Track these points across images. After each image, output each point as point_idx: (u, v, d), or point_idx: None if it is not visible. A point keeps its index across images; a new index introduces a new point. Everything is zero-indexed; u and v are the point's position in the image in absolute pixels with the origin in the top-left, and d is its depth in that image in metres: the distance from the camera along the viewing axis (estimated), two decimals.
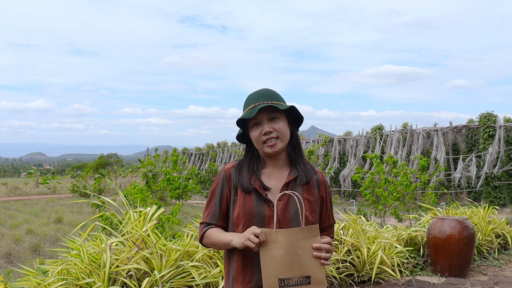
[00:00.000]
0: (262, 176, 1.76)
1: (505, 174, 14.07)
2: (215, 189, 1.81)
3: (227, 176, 1.78)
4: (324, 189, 1.83)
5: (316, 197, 1.78)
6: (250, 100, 1.75)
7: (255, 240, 1.56)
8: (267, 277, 1.57)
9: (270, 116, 1.72)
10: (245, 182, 1.73)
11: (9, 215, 11.17)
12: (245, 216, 1.69)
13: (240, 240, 1.60)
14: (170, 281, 3.61)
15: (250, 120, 1.73)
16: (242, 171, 1.77)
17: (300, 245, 1.59)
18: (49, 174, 38.41)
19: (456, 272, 5.17)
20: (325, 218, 1.85)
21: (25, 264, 5.22)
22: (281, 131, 1.71)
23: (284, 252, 1.57)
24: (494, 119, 14.39)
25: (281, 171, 1.78)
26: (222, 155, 23.58)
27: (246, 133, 1.79)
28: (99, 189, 18.11)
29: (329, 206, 1.86)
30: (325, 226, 1.85)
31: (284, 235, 1.59)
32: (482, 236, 6.30)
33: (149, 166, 10.66)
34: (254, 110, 1.68)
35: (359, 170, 9.24)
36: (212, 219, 1.79)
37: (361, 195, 12.09)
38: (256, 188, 1.71)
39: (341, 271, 4.71)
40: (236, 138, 1.84)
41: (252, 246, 1.56)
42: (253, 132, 1.73)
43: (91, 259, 3.59)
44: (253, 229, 1.60)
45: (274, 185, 1.74)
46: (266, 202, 1.70)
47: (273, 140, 1.70)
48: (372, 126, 17.68)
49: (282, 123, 1.72)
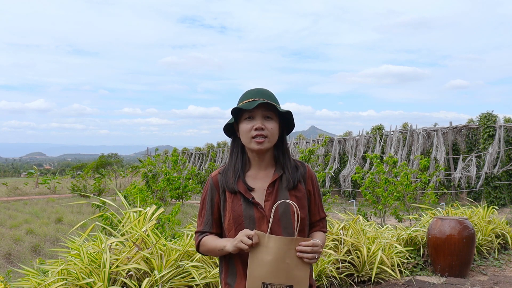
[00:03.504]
0: (247, 178, 1.77)
1: (505, 174, 14.08)
2: (205, 198, 1.82)
3: (215, 183, 1.79)
4: (311, 183, 1.82)
5: (303, 192, 1.77)
6: (249, 94, 1.76)
7: (248, 241, 1.57)
8: (251, 278, 1.58)
9: (265, 114, 1.73)
10: (230, 183, 1.74)
11: (9, 215, 11.16)
12: (235, 221, 1.70)
13: (233, 243, 1.61)
14: (170, 281, 3.61)
15: (245, 113, 1.74)
16: (228, 173, 1.77)
17: (289, 254, 1.59)
18: (49, 174, 38.42)
19: (456, 272, 5.17)
20: (315, 212, 1.84)
21: (25, 264, 5.21)
22: (271, 132, 1.72)
23: (272, 258, 1.57)
24: (494, 119, 14.39)
25: (266, 172, 1.78)
26: (222, 155, 23.58)
27: (236, 124, 1.79)
28: (99, 189, 18.10)
29: (317, 200, 1.84)
30: (315, 220, 1.84)
31: (276, 241, 1.59)
32: (482, 236, 6.30)
33: (149, 166, 10.66)
34: (253, 103, 1.68)
35: (359, 170, 9.24)
36: (206, 227, 1.80)
37: (361, 195, 12.09)
38: (241, 192, 1.72)
39: (341, 271, 4.71)
40: (223, 127, 1.83)
41: (245, 247, 1.57)
42: (244, 125, 1.73)
43: (91, 259, 3.59)
44: (246, 231, 1.60)
45: (260, 186, 1.75)
46: (254, 204, 1.70)
47: (262, 138, 1.70)
48: (372, 126, 17.70)
49: (274, 125, 1.74)
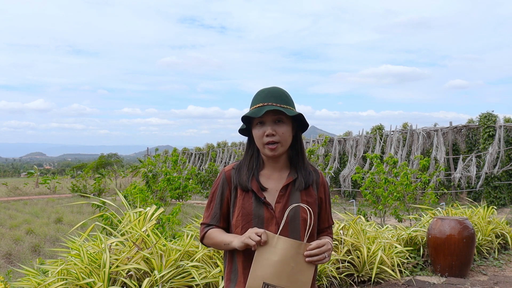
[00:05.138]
0: (261, 177, 1.76)
1: (505, 174, 14.07)
2: (215, 191, 1.81)
3: (227, 178, 1.78)
4: (323, 190, 1.83)
5: (314, 198, 1.77)
6: (260, 97, 1.73)
7: (256, 238, 1.56)
8: (253, 277, 1.57)
9: (276, 118, 1.71)
10: (244, 181, 1.73)
11: (9, 215, 11.16)
12: (244, 218, 1.70)
13: (241, 239, 1.61)
14: (170, 281, 3.61)
15: (255, 118, 1.73)
16: (242, 170, 1.77)
17: (296, 258, 1.58)
18: (49, 174, 38.43)
19: (456, 272, 5.17)
20: (324, 219, 1.84)
21: (25, 264, 5.21)
22: (283, 136, 1.70)
23: (278, 259, 1.57)
24: (494, 119, 14.39)
25: (280, 173, 1.77)
26: (222, 155, 23.57)
27: (250, 127, 1.78)
28: (99, 189, 18.09)
29: (328, 208, 1.85)
30: (324, 227, 1.84)
31: (284, 243, 1.59)
32: (482, 236, 6.30)
33: (149, 166, 10.67)
34: (261, 110, 1.67)
35: (359, 170, 9.24)
36: (212, 220, 1.79)
37: (361, 195, 12.09)
38: (254, 190, 1.71)
39: (341, 271, 4.71)
40: (238, 131, 1.83)
41: (252, 243, 1.56)
42: (256, 131, 1.73)
43: (91, 259, 3.59)
44: (255, 229, 1.60)
45: (273, 187, 1.74)
46: (265, 204, 1.70)
47: (274, 144, 1.69)
48: (372, 126, 17.69)
49: (286, 128, 1.71)
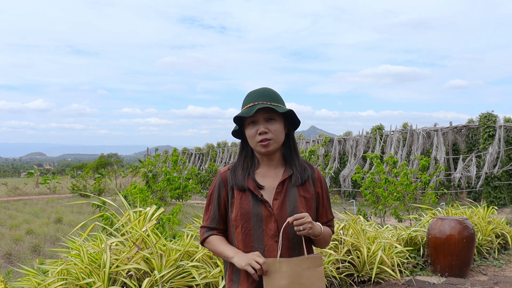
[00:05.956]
0: (257, 176, 1.78)
1: (505, 174, 14.07)
2: (212, 193, 1.83)
3: (223, 179, 1.80)
4: (320, 185, 1.84)
5: (312, 194, 1.79)
6: (250, 98, 1.76)
7: (257, 266, 1.59)
8: None
9: (267, 116, 1.73)
10: (240, 180, 1.75)
11: (9, 215, 11.16)
12: (242, 218, 1.71)
13: (242, 263, 1.63)
14: (170, 281, 3.61)
15: (247, 118, 1.75)
16: (237, 170, 1.79)
17: (303, 274, 1.61)
18: (49, 174, 38.43)
19: (456, 272, 5.17)
20: (323, 214, 1.85)
21: (25, 264, 5.21)
22: (275, 133, 1.73)
23: (288, 281, 1.59)
24: (494, 119, 14.39)
25: (275, 171, 1.79)
26: (222, 155, 23.57)
27: (242, 129, 1.80)
28: (99, 189, 18.09)
29: (325, 202, 1.86)
30: (323, 222, 1.85)
31: (288, 265, 1.61)
32: (482, 236, 6.30)
33: (149, 166, 10.68)
34: (252, 109, 1.69)
35: (359, 170, 9.24)
36: (212, 222, 1.81)
37: (361, 195, 12.09)
38: (251, 189, 1.73)
39: (341, 271, 4.71)
40: (231, 133, 1.86)
41: (252, 272, 1.59)
42: (248, 130, 1.75)
43: (91, 259, 3.59)
44: (256, 256, 1.62)
45: (270, 185, 1.75)
46: (262, 202, 1.71)
47: (267, 141, 1.71)
48: (372, 126, 17.70)
49: (278, 125, 1.74)
